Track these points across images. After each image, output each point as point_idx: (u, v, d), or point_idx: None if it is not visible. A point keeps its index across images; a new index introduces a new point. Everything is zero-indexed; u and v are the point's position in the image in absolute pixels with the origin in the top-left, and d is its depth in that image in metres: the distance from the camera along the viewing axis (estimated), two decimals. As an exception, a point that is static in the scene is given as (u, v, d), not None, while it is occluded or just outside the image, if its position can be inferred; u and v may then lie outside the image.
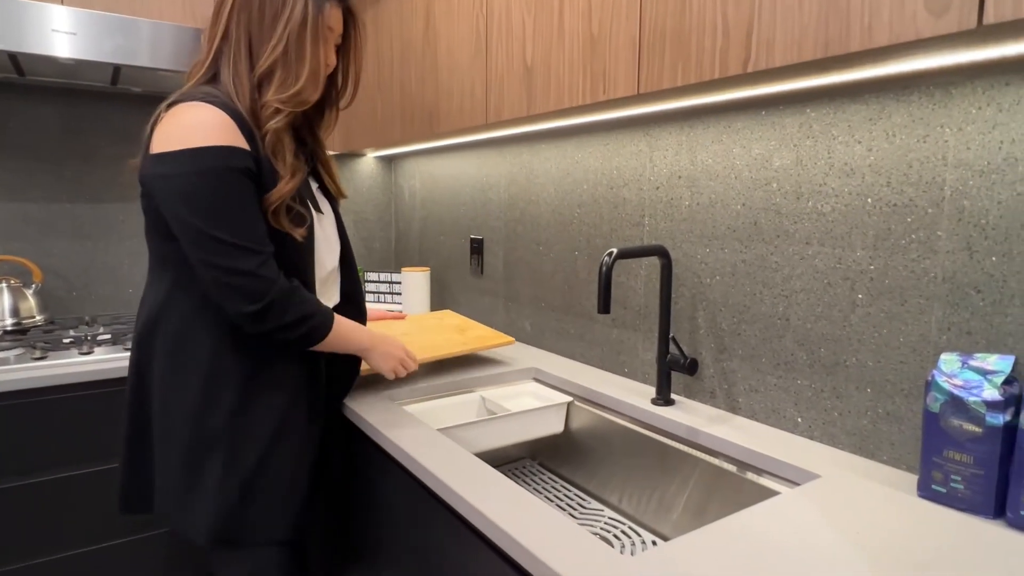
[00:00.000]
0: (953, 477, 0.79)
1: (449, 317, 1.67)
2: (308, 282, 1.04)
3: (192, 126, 0.90)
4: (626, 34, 0.95)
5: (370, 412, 1.14)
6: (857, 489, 0.85)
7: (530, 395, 1.47)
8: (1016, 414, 0.76)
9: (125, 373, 1.46)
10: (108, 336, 1.62)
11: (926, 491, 0.82)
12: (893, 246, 0.90)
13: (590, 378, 1.37)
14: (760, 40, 0.76)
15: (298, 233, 0.99)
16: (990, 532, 0.74)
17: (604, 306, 1.03)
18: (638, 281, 1.33)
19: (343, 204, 2.04)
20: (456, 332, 1.53)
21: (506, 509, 0.78)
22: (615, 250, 1.06)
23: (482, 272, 1.87)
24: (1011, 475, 0.75)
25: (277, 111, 0.96)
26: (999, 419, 0.75)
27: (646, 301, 1.32)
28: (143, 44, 1.56)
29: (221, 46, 0.99)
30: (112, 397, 1.46)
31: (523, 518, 0.76)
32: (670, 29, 0.87)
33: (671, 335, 1.20)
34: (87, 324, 1.76)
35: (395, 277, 2.16)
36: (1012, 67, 0.76)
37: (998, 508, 0.77)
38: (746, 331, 1.12)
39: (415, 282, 2.01)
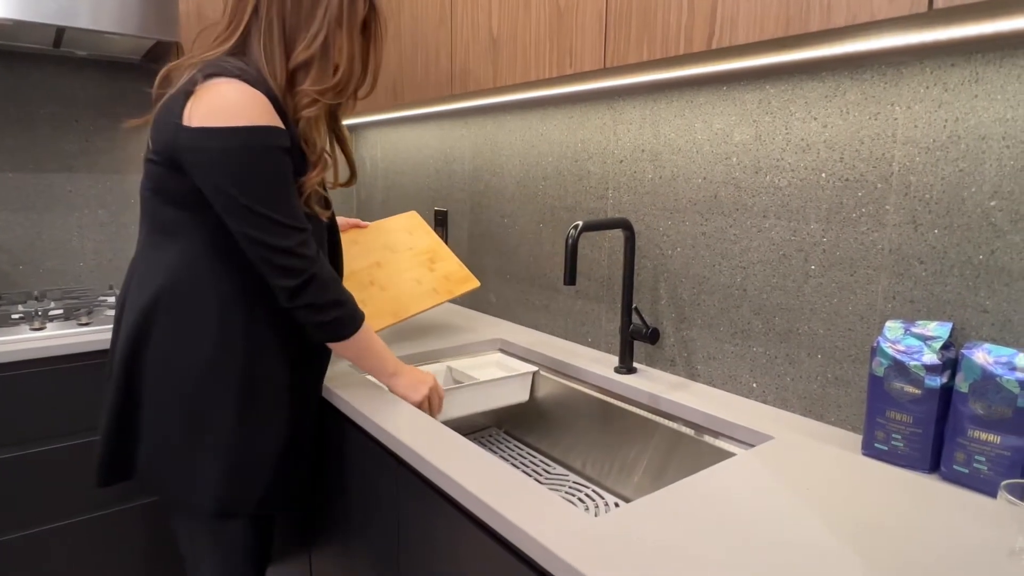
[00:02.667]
0: (894, 436, 0.85)
1: (418, 232, 1.56)
2: (336, 269, 1.06)
3: (239, 104, 0.89)
4: (593, 8, 0.95)
5: (338, 384, 1.15)
6: (807, 449, 0.90)
7: (496, 365, 1.50)
8: (952, 376, 0.81)
9: (81, 350, 1.42)
10: (60, 311, 1.57)
11: (869, 449, 0.88)
12: (844, 219, 0.95)
13: (555, 348, 1.40)
14: (724, 17, 0.78)
15: (325, 216, 1.03)
16: (927, 485, 0.80)
17: (570, 278, 1.06)
18: (602, 253, 1.36)
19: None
20: (426, 265, 1.49)
21: (473, 472, 0.81)
22: (581, 223, 1.08)
23: (447, 244, 1.87)
24: (945, 432, 0.81)
25: (314, 101, 0.96)
26: (936, 381, 0.81)
27: (609, 273, 1.35)
28: (85, 5, 1.48)
29: (251, 22, 0.97)
30: (68, 374, 1.43)
31: (489, 480, 0.78)
32: (636, 4, 0.88)
33: (634, 306, 1.23)
34: (36, 299, 1.70)
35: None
36: (958, 49, 0.80)
37: (933, 463, 0.83)
38: (706, 301, 1.16)
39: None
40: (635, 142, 1.26)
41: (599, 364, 1.29)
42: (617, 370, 1.24)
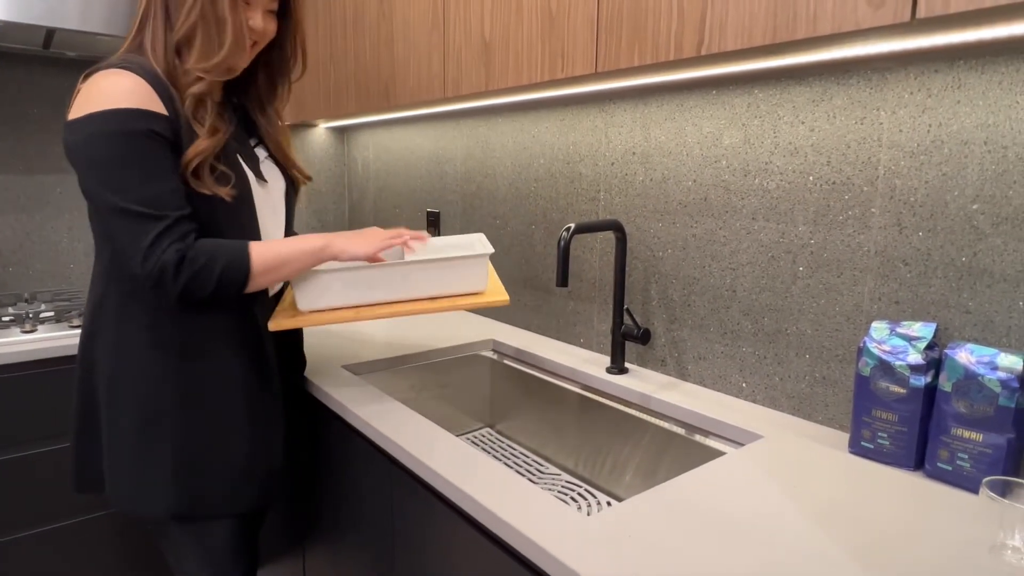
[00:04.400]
0: (880, 434, 0.87)
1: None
2: None
3: (102, 92, 0.88)
4: (584, 14, 0.96)
5: (328, 383, 1.16)
6: (796, 447, 0.92)
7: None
8: (936, 376, 0.83)
9: (72, 351, 1.42)
10: (51, 313, 1.57)
11: (856, 447, 0.89)
12: (831, 222, 0.97)
13: (547, 348, 1.41)
14: (713, 25, 0.79)
15: (224, 192, 0.94)
16: (912, 483, 0.82)
17: (562, 280, 1.07)
18: (593, 255, 1.37)
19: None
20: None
21: (467, 471, 0.82)
22: (573, 225, 1.09)
23: (439, 245, 1.87)
24: (930, 431, 0.83)
25: (199, 79, 0.94)
26: (921, 381, 0.83)
27: (601, 274, 1.36)
28: (75, 6, 1.48)
29: (146, 12, 0.96)
30: (60, 376, 1.42)
31: (483, 479, 0.80)
32: (627, 10, 0.90)
33: (625, 307, 1.24)
34: (27, 301, 1.69)
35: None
36: (941, 56, 0.82)
37: (918, 460, 0.85)
38: (696, 302, 1.17)
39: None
40: (626, 145, 1.27)
41: (591, 364, 1.30)
42: (609, 370, 1.26)
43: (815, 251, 0.99)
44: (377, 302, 1.06)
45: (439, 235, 1.86)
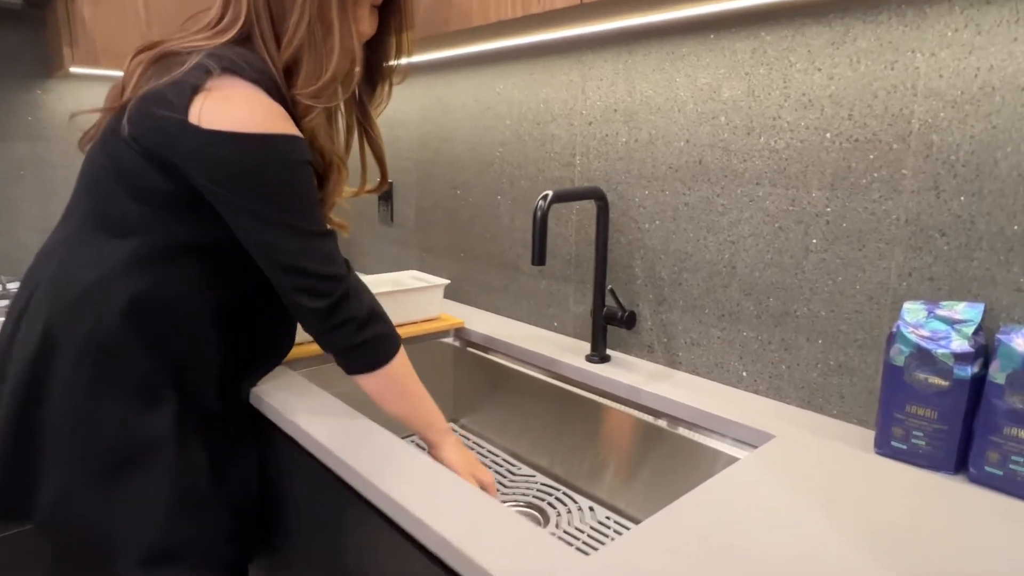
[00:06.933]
0: (915, 433, 0.74)
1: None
2: None
3: (262, 109, 0.74)
4: (566, -70, 0.79)
5: (270, 388, 0.97)
6: (815, 449, 0.79)
7: (411, 278, 1.42)
8: (984, 366, 0.71)
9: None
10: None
11: (885, 448, 0.77)
12: (852, 186, 0.83)
13: (517, 334, 1.26)
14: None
15: (345, 230, 0.94)
16: (957, 490, 0.70)
17: (539, 257, 0.91)
18: (568, 227, 1.21)
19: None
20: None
21: (439, 502, 0.66)
22: (550, 193, 0.93)
23: (392, 219, 1.69)
24: (976, 429, 0.71)
25: (310, 107, 0.80)
26: (967, 371, 0.70)
27: (578, 250, 1.21)
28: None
29: (251, 11, 0.78)
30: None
31: (459, 514, 0.64)
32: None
33: (608, 287, 1.09)
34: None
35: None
36: (998, -18, 0.68)
37: (959, 463, 0.73)
38: (688, 280, 1.03)
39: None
40: (607, 101, 1.11)
41: (568, 352, 1.15)
42: (589, 358, 1.11)
43: (832, 220, 0.85)
44: None
45: (391, 209, 1.68)
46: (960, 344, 0.71)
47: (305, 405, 0.90)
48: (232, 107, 0.73)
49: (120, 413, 0.77)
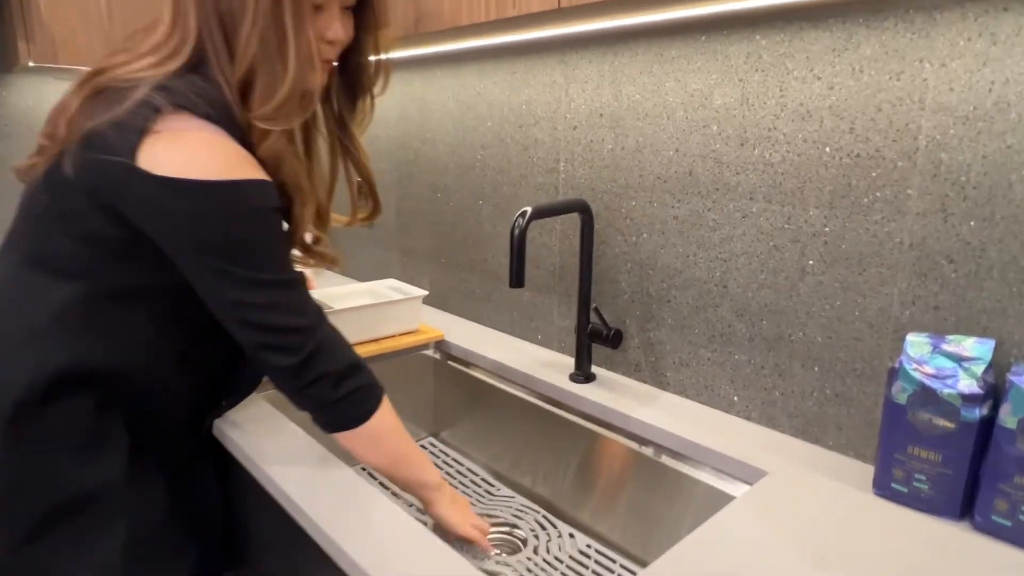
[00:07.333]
0: (917, 476, 0.69)
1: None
2: None
3: (221, 151, 0.66)
4: (542, -75, 0.72)
5: (231, 416, 0.91)
6: (811, 490, 0.74)
7: (388, 288, 1.35)
8: (994, 407, 0.66)
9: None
10: None
11: (884, 489, 0.72)
12: (853, 205, 0.77)
13: (500, 347, 1.20)
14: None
15: (336, 263, 0.87)
16: (961, 538, 0.65)
17: (516, 279, 0.85)
18: (552, 237, 1.15)
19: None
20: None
21: (376, 546, 0.60)
22: (529, 209, 0.87)
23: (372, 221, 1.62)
24: (983, 475, 0.66)
25: (267, 132, 0.70)
26: (975, 413, 0.65)
27: (562, 260, 1.14)
28: None
29: (202, 27, 0.68)
30: None
31: (400, 559, 0.58)
32: (601, -82, 0.66)
33: (593, 305, 1.03)
34: None
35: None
36: (1017, -13, 0.62)
37: (964, 510, 0.68)
38: (677, 298, 0.97)
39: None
40: (591, 105, 1.04)
41: (551, 369, 1.10)
42: (573, 377, 1.05)
43: (830, 241, 0.79)
44: None
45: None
46: (968, 384, 0.65)
47: (267, 438, 0.84)
48: (187, 151, 0.65)
49: (54, 464, 0.70)
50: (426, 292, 1.25)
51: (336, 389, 0.73)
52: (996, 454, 0.64)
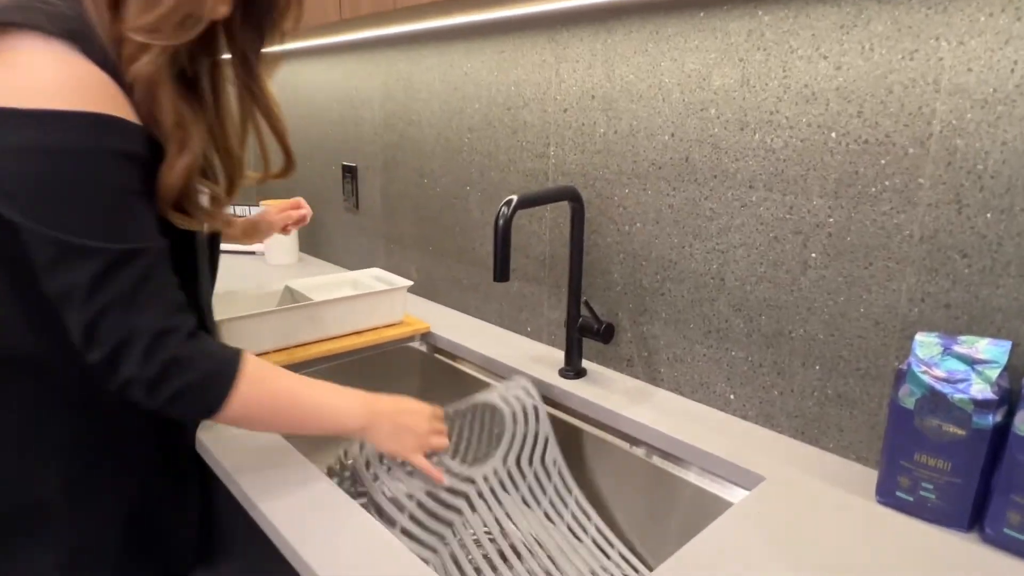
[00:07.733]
0: (924, 485, 0.65)
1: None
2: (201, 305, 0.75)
3: (64, 76, 0.54)
4: None
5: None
6: (811, 498, 0.69)
7: (373, 278, 1.31)
8: (1009, 413, 0.61)
9: None
10: None
11: (888, 497, 0.68)
12: (860, 194, 0.72)
13: (488, 339, 1.15)
14: None
15: (200, 225, 0.69)
16: (970, 552, 0.61)
17: (501, 272, 0.80)
18: (542, 225, 1.10)
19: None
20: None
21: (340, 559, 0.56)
22: (515, 198, 0.81)
23: (358, 207, 1.56)
24: (995, 485, 0.62)
25: (144, 47, 0.57)
26: (988, 420, 0.61)
27: (552, 249, 1.09)
28: None
29: None
30: None
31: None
32: None
33: (584, 299, 0.99)
34: None
35: (253, 211, 1.80)
36: (1046, -43, 0.56)
37: (972, 520, 0.64)
38: (672, 290, 0.92)
39: (277, 218, 1.67)
40: (583, 86, 0.98)
41: (540, 363, 1.05)
42: (563, 372, 1.01)
43: (835, 232, 0.74)
44: (303, 342, 1.10)
45: (356, 195, 1.55)
46: (981, 389, 0.61)
47: (239, 440, 0.79)
48: (19, 75, 0.54)
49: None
50: (411, 282, 1.20)
51: (151, 396, 0.60)
52: (1010, 464, 0.60)
